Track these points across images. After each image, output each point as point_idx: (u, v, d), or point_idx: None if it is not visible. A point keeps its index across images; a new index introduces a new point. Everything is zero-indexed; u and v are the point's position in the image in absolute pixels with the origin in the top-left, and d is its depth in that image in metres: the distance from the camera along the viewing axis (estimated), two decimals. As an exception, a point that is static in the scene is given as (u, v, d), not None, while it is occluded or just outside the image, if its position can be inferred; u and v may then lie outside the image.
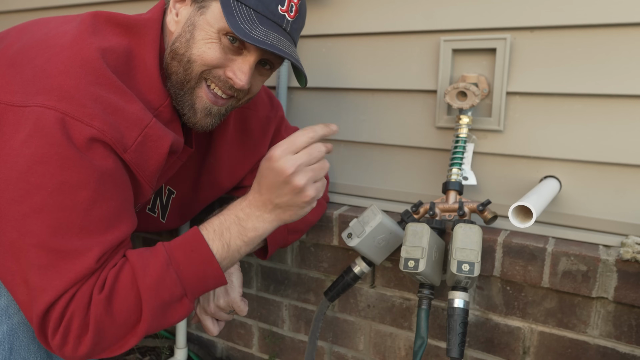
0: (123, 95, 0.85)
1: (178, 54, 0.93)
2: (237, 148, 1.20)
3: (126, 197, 0.87)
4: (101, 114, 0.81)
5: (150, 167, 0.89)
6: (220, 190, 1.24)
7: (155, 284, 0.83)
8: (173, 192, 1.16)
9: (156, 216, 1.16)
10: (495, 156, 1.25)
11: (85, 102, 0.80)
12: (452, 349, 1.02)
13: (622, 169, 1.13)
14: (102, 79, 0.83)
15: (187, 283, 0.86)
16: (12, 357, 0.88)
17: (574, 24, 1.10)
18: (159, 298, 0.83)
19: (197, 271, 0.87)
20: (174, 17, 0.95)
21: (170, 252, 0.86)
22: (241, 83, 0.93)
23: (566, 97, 1.15)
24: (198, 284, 0.88)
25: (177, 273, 0.85)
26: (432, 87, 1.29)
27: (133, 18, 0.94)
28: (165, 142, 0.90)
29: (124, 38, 0.91)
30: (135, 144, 0.85)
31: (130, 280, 0.83)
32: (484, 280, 1.23)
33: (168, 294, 0.84)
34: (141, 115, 0.86)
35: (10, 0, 2.00)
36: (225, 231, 0.91)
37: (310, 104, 1.49)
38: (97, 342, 0.81)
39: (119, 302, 0.82)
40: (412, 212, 1.20)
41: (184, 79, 0.93)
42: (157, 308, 0.83)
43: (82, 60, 0.83)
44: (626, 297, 1.07)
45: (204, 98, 0.95)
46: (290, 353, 1.56)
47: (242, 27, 0.87)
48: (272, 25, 0.92)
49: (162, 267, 0.84)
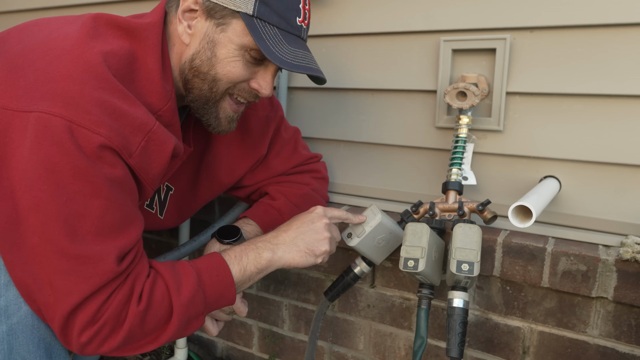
0: (126, 99, 0.85)
1: (201, 72, 0.96)
2: (237, 147, 1.21)
3: (133, 200, 0.90)
4: (107, 120, 0.81)
5: (154, 170, 0.91)
6: (220, 187, 1.24)
7: (187, 302, 0.90)
8: (171, 188, 1.16)
9: (154, 212, 1.16)
10: (495, 156, 1.25)
11: (89, 108, 0.80)
12: (452, 349, 1.02)
13: (621, 169, 1.13)
14: (105, 83, 0.83)
15: (207, 303, 0.94)
16: (11, 357, 0.88)
17: (574, 24, 1.11)
18: (187, 314, 0.90)
19: (217, 293, 0.95)
20: (186, 30, 0.96)
21: (198, 274, 0.93)
22: (267, 92, 1.00)
23: (566, 97, 1.15)
24: (215, 304, 0.96)
25: (204, 294, 0.93)
26: (432, 87, 1.29)
27: (134, 22, 0.94)
28: (169, 145, 0.91)
29: (125, 41, 0.91)
30: (139, 149, 0.86)
31: (165, 295, 0.89)
32: (484, 280, 1.23)
33: (194, 311, 0.92)
34: (145, 120, 0.87)
35: (10, 0, 2.01)
36: (244, 257, 0.99)
37: (310, 104, 1.49)
38: (121, 345, 0.87)
39: (152, 314, 0.88)
40: (412, 212, 1.20)
41: (209, 96, 0.99)
42: (183, 323, 0.91)
43: (85, 65, 0.83)
44: (626, 297, 1.07)
45: (228, 109, 1.02)
46: (290, 353, 1.56)
47: (274, 51, 0.91)
48: (296, 41, 0.97)
49: (194, 287, 0.91)
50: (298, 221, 1.05)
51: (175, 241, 1.70)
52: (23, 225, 0.81)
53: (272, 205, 1.22)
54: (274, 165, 1.28)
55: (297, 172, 1.31)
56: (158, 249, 1.76)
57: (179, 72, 0.99)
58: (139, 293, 0.87)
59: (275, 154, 1.28)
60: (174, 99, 0.96)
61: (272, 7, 0.93)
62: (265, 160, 1.27)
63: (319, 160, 1.38)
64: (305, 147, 1.36)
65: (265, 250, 1.00)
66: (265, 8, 0.92)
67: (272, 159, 1.28)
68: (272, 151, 1.28)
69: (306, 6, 0.98)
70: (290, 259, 1.02)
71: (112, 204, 0.83)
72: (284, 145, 1.29)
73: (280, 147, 1.28)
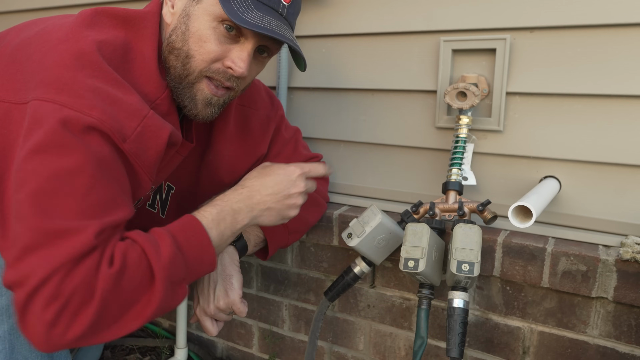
0: (120, 87, 0.85)
1: (175, 48, 0.93)
2: (238, 145, 1.21)
3: (123, 186, 0.85)
4: (100, 104, 0.80)
5: (150, 157, 0.88)
6: (220, 186, 1.24)
7: (168, 264, 0.83)
8: (172, 187, 1.16)
9: (156, 212, 1.16)
10: (495, 156, 1.25)
11: (83, 93, 0.80)
12: (452, 349, 1.02)
13: (621, 169, 1.13)
14: (99, 71, 0.83)
15: (188, 267, 0.88)
16: (12, 356, 0.88)
17: (574, 24, 1.11)
18: (169, 278, 0.83)
19: (196, 256, 0.90)
20: (169, 9, 0.95)
21: (174, 236, 0.87)
22: (240, 70, 0.93)
23: (566, 97, 1.15)
24: (195, 269, 0.90)
25: (183, 255, 0.87)
26: (432, 87, 1.29)
27: (131, 11, 0.94)
28: (164, 132, 0.89)
29: (120, 30, 0.91)
30: (134, 135, 0.84)
31: (142, 258, 0.82)
32: (484, 280, 1.23)
33: (177, 275, 0.85)
34: (139, 107, 0.86)
35: (10, 0, 2.01)
36: (221, 221, 0.95)
37: (310, 104, 1.49)
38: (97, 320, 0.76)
39: (129, 277, 0.80)
40: (412, 212, 1.20)
41: (182, 74, 0.94)
42: (169, 288, 0.83)
43: (79, 53, 0.83)
44: (626, 297, 1.07)
45: (205, 90, 0.96)
46: (290, 353, 1.56)
47: (238, 13, 0.87)
48: (268, 10, 0.92)
49: (173, 249, 0.85)
50: (275, 182, 1.03)
51: (175, 241, 1.70)
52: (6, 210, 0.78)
53: None
54: None
55: (298, 172, 1.31)
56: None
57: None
58: (109, 256, 0.79)
59: (276, 153, 1.28)
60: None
61: None
62: (265, 160, 1.27)
63: (319, 161, 1.38)
64: (305, 147, 1.36)
65: (241, 214, 0.98)
66: None
67: (272, 158, 1.27)
68: (273, 151, 1.28)
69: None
70: (262, 223, 1.03)
71: (97, 182, 0.79)
72: (285, 144, 1.29)
73: (280, 146, 1.28)
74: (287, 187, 1.03)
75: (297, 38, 1.44)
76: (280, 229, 1.21)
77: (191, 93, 0.96)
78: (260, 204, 1.00)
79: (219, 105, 1.00)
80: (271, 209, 1.02)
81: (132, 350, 1.69)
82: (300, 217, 1.25)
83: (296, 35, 1.34)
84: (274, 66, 1.48)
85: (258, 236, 1.19)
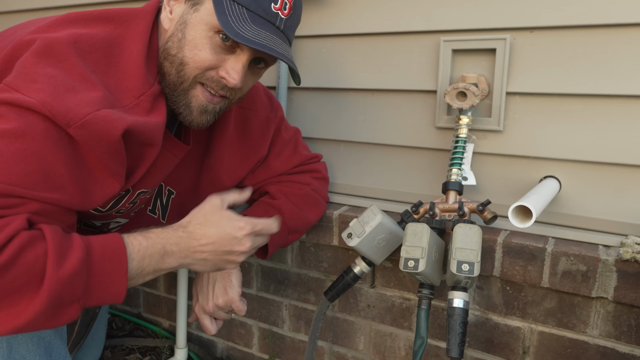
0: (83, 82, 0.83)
1: (170, 55, 0.93)
2: (238, 148, 1.20)
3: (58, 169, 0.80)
4: (50, 89, 0.79)
5: (103, 147, 0.82)
6: (221, 188, 1.23)
7: (65, 279, 0.76)
8: (173, 192, 1.16)
9: (157, 217, 1.16)
10: (495, 156, 1.25)
11: (37, 78, 0.79)
12: (452, 349, 1.02)
13: (621, 169, 1.13)
14: (63, 62, 0.83)
15: (88, 290, 0.80)
16: (11, 356, 0.88)
17: (574, 24, 1.11)
18: (59, 295, 0.76)
19: (102, 282, 0.82)
20: (167, 15, 0.95)
21: (88, 252, 0.80)
22: (234, 82, 0.92)
23: (566, 97, 1.15)
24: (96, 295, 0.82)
25: (87, 277, 0.79)
26: (432, 87, 1.29)
27: (125, 10, 0.94)
28: (119, 124, 0.82)
29: (108, 26, 0.91)
30: (81, 122, 0.79)
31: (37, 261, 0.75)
32: (484, 280, 1.23)
33: (70, 294, 0.78)
34: (95, 101, 0.82)
35: (10, 0, 2.01)
36: (147, 257, 0.88)
37: (310, 104, 1.49)
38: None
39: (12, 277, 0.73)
40: (412, 212, 1.20)
41: (176, 81, 0.93)
42: (52, 305, 0.76)
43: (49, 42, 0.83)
44: (626, 297, 1.07)
45: (200, 97, 0.95)
46: (290, 353, 1.56)
47: (234, 27, 0.86)
48: (264, 24, 0.91)
49: (79, 265, 0.77)
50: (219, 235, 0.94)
51: (175, 241, 1.70)
52: None
53: (272, 204, 1.22)
54: (275, 166, 1.28)
55: (298, 172, 1.31)
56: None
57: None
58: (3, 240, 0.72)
59: (276, 154, 1.28)
60: (158, 85, 0.93)
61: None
62: (265, 161, 1.27)
63: (319, 161, 1.38)
64: (305, 147, 1.36)
65: (172, 257, 0.91)
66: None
67: (272, 159, 1.28)
68: (273, 152, 1.28)
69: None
70: (191, 268, 0.97)
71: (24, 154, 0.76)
72: (285, 145, 1.29)
73: (280, 147, 1.28)
74: (230, 244, 0.95)
75: (296, 38, 1.44)
76: (280, 229, 1.21)
77: (186, 100, 0.95)
78: (197, 253, 0.93)
79: (214, 113, 0.99)
80: (206, 260, 0.95)
81: (132, 350, 1.69)
82: (300, 216, 1.25)
83: (296, 36, 1.34)
84: (274, 66, 1.48)
85: None
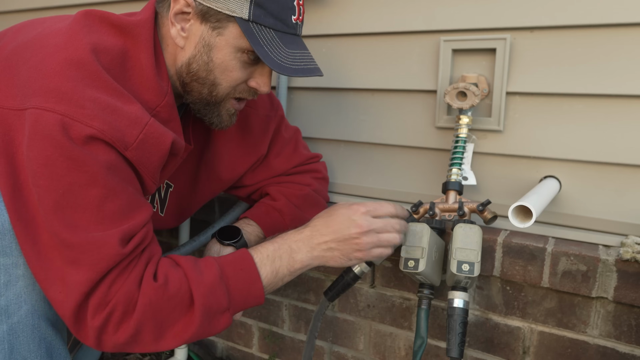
0: (120, 96, 0.85)
1: (200, 77, 0.97)
2: (237, 145, 1.21)
3: (135, 188, 0.89)
4: (100, 114, 0.81)
5: (153, 163, 0.90)
6: (219, 184, 1.24)
7: (208, 291, 0.87)
8: (171, 185, 1.16)
9: (155, 211, 1.16)
10: (495, 156, 1.25)
11: (83, 103, 0.80)
12: (452, 349, 1.02)
13: (622, 169, 1.13)
14: (98, 81, 0.84)
15: (232, 298, 0.91)
16: (12, 357, 0.88)
17: (574, 24, 1.11)
18: (208, 305, 0.87)
19: (242, 288, 0.92)
20: (180, 33, 0.95)
21: (221, 266, 0.91)
22: (266, 90, 1.00)
23: (566, 97, 1.15)
24: (241, 301, 0.93)
25: (227, 287, 0.90)
26: (432, 87, 1.29)
27: (126, 19, 0.94)
28: (167, 139, 0.90)
29: (118, 39, 0.91)
30: (136, 142, 0.85)
31: (182, 281, 0.87)
32: (484, 280, 1.23)
33: (217, 304, 0.89)
34: (140, 115, 0.87)
35: (10, 0, 2.01)
36: (277, 259, 0.97)
37: (310, 104, 1.49)
38: (137, 331, 0.84)
39: (169, 297, 0.85)
40: (412, 212, 1.20)
41: (209, 99, 0.99)
42: (206, 315, 0.87)
43: (78, 62, 0.83)
44: (626, 297, 1.07)
45: (230, 107, 1.03)
46: (290, 353, 1.56)
47: (272, 57, 0.91)
48: (292, 40, 0.96)
49: (215, 278, 0.89)
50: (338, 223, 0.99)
51: (175, 241, 1.70)
52: (34, 223, 0.82)
53: (273, 206, 1.22)
54: (275, 165, 1.28)
55: (298, 172, 1.31)
56: (158, 249, 1.76)
57: (175, 72, 0.99)
58: (151, 273, 0.86)
59: (276, 153, 1.28)
60: (171, 93, 0.95)
61: (268, 9, 0.92)
62: (265, 160, 1.27)
63: (319, 160, 1.38)
64: (305, 147, 1.36)
65: (300, 253, 0.98)
66: (261, 11, 0.91)
67: (272, 158, 1.28)
68: (273, 151, 1.28)
69: (300, 1, 0.97)
70: (325, 262, 1.00)
71: (110, 191, 0.82)
72: (285, 144, 1.29)
73: (280, 146, 1.28)
74: (348, 228, 0.98)
75: (297, 38, 1.44)
76: (281, 229, 1.21)
77: (217, 111, 1.02)
78: (322, 244, 0.99)
79: (237, 113, 1.07)
80: (333, 250, 0.99)
81: (132, 350, 1.69)
82: (301, 218, 1.25)
83: (296, 35, 1.35)
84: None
85: (258, 237, 1.19)
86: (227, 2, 0.90)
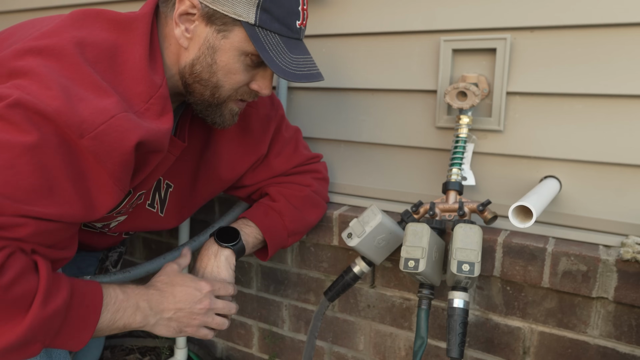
0: (96, 90, 0.83)
1: (202, 79, 0.97)
2: (238, 144, 1.21)
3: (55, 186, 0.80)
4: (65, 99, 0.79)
5: (114, 159, 0.83)
6: (219, 183, 1.23)
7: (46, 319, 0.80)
8: (171, 185, 1.16)
9: (155, 211, 1.16)
10: (495, 156, 1.25)
11: (52, 85, 0.79)
12: (452, 349, 1.02)
13: (622, 169, 1.13)
14: (75, 73, 0.83)
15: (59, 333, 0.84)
16: (9, 357, 0.87)
17: (574, 24, 1.10)
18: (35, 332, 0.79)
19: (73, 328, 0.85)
20: (184, 33, 0.95)
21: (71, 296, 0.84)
22: (267, 92, 1.02)
23: (566, 97, 1.15)
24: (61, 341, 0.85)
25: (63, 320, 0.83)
26: (432, 87, 1.29)
27: (123, 15, 0.94)
28: (132, 135, 0.82)
29: (111, 34, 0.91)
30: (96, 132, 0.80)
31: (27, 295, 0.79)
32: (484, 280, 1.23)
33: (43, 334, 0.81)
34: (110, 107, 0.82)
35: (10, 0, 2.01)
36: (121, 310, 0.92)
37: (310, 104, 1.49)
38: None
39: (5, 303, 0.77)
40: (412, 212, 1.20)
41: (211, 100, 1.00)
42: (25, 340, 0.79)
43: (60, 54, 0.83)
44: (626, 297, 1.07)
45: (233, 106, 1.04)
46: (290, 353, 1.56)
47: (277, 62, 0.92)
48: (296, 46, 0.97)
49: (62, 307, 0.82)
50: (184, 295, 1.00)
51: (175, 241, 1.70)
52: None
53: (272, 207, 1.22)
54: (275, 165, 1.28)
55: (298, 172, 1.31)
56: (158, 249, 1.76)
57: (177, 72, 0.99)
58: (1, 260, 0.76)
59: (276, 153, 1.28)
60: (165, 87, 0.92)
61: (274, 14, 0.92)
62: (266, 160, 1.27)
63: (319, 161, 1.38)
64: (306, 147, 1.36)
65: (141, 315, 0.95)
66: (267, 16, 0.92)
67: (273, 158, 1.27)
68: (273, 150, 1.27)
69: (304, 6, 0.98)
70: (155, 329, 0.99)
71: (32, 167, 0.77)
72: (285, 144, 1.29)
73: (281, 146, 1.28)
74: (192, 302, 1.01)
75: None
76: (280, 231, 1.21)
77: (220, 111, 1.03)
78: (165, 311, 0.98)
79: (239, 113, 1.08)
80: (171, 320, 0.99)
81: (131, 351, 1.69)
82: (300, 218, 1.25)
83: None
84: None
85: (257, 238, 1.19)
86: (234, 5, 0.90)
